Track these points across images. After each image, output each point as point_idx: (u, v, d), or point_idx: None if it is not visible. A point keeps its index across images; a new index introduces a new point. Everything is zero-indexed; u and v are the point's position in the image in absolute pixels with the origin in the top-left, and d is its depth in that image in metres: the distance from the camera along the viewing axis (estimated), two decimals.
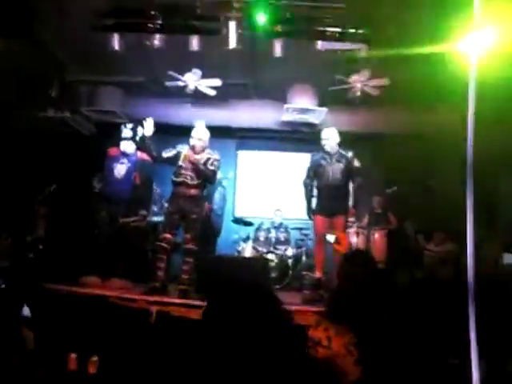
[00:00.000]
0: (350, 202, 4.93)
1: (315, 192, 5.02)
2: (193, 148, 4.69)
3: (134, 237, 5.54)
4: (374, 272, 2.04)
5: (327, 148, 4.90)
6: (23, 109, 6.50)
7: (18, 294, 3.83)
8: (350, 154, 4.92)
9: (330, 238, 5.14)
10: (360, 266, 2.03)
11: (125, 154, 5.33)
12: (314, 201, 5.03)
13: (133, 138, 5.33)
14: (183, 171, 4.61)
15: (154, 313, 3.66)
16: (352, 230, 6.24)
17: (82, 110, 6.74)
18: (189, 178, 4.58)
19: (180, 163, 4.64)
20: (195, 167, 4.57)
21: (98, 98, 6.74)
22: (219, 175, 6.21)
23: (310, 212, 5.01)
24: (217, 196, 6.29)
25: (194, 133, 4.73)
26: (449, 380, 1.46)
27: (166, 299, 4.15)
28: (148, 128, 4.69)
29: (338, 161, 4.85)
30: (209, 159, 4.65)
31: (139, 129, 5.35)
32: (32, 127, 6.99)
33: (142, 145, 5.06)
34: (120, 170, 5.26)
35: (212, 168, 4.63)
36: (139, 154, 5.38)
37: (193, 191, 4.59)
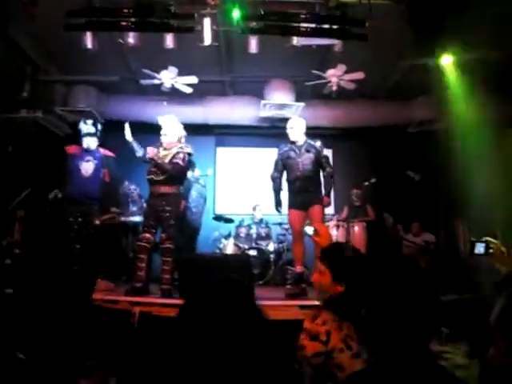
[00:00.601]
0: (323, 192, 4.80)
1: (286, 186, 4.91)
2: (161, 144, 4.64)
3: (111, 236, 5.48)
4: (363, 260, 1.98)
5: (292, 137, 4.78)
6: None
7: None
8: (318, 143, 4.78)
9: (309, 230, 5.09)
10: (350, 255, 1.95)
11: (88, 151, 5.11)
12: (284, 194, 4.93)
13: (95, 134, 5.16)
14: (151, 168, 4.56)
15: (136, 313, 3.64)
16: (332, 223, 6.31)
17: (56, 110, 6.62)
18: (154, 175, 4.53)
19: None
20: (155, 163, 4.52)
21: (72, 98, 6.64)
22: (197, 172, 6.19)
23: (279, 206, 4.94)
24: (194, 193, 6.21)
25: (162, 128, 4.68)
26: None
27: (148, 299, 4.12)
28: (127, 133, 4.63)
29: (308, 151, 4.72)
30: (177, 153, 4.57)
31: (99, 124, 5.24)
32: (4, 128, 6.83)
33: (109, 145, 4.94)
34: (87, 168, 5.04)
35: (175, 161, 4.53)
36: (102, 150, 5.24)
37: (162, 188, 4.52)
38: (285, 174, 4.93)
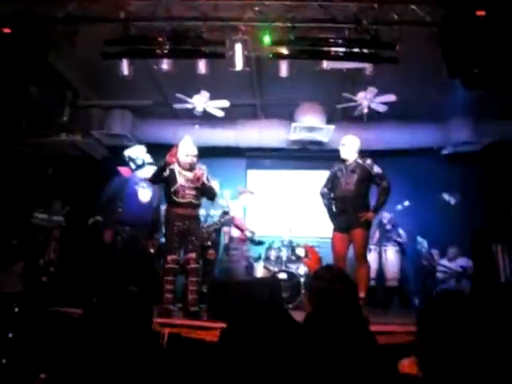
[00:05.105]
0: (372, 207, 4.53)
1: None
2: (186, 165, 4.54)
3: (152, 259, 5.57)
4: (343, 288, 1.90)
5: (342, 155, 4.65)
6: (37, 134, 6.65)
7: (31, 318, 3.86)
8: (368, 161, 4.57)
9: (300, 251, 4.91)
10: (329, 282, 1.90)
11: (143, 179, 5.18)
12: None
13: (152, 163, 5.27)
14: (186, 191, 4.49)
15: (166, 335, 3.64)
16: None
17: (93, 133, 6.87)
18: (193, 197, 4.51)
19: (180, 182, 4.49)
20: (196, 186, 4.51)
21: (108, 122, 6.88)
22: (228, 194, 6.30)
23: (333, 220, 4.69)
24: None
25: (187, 150, 4.55)
26: None
27: (177, 321, 4.12)
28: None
29: (353, 171, 4.53)
30: (204, 175, 4.57)
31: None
32: (45, 151, 7.14)
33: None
34: (145, 194, 5.18)
35: (210, 184, 4.63)
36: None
37: (196, 211, 4.59)
38: None
